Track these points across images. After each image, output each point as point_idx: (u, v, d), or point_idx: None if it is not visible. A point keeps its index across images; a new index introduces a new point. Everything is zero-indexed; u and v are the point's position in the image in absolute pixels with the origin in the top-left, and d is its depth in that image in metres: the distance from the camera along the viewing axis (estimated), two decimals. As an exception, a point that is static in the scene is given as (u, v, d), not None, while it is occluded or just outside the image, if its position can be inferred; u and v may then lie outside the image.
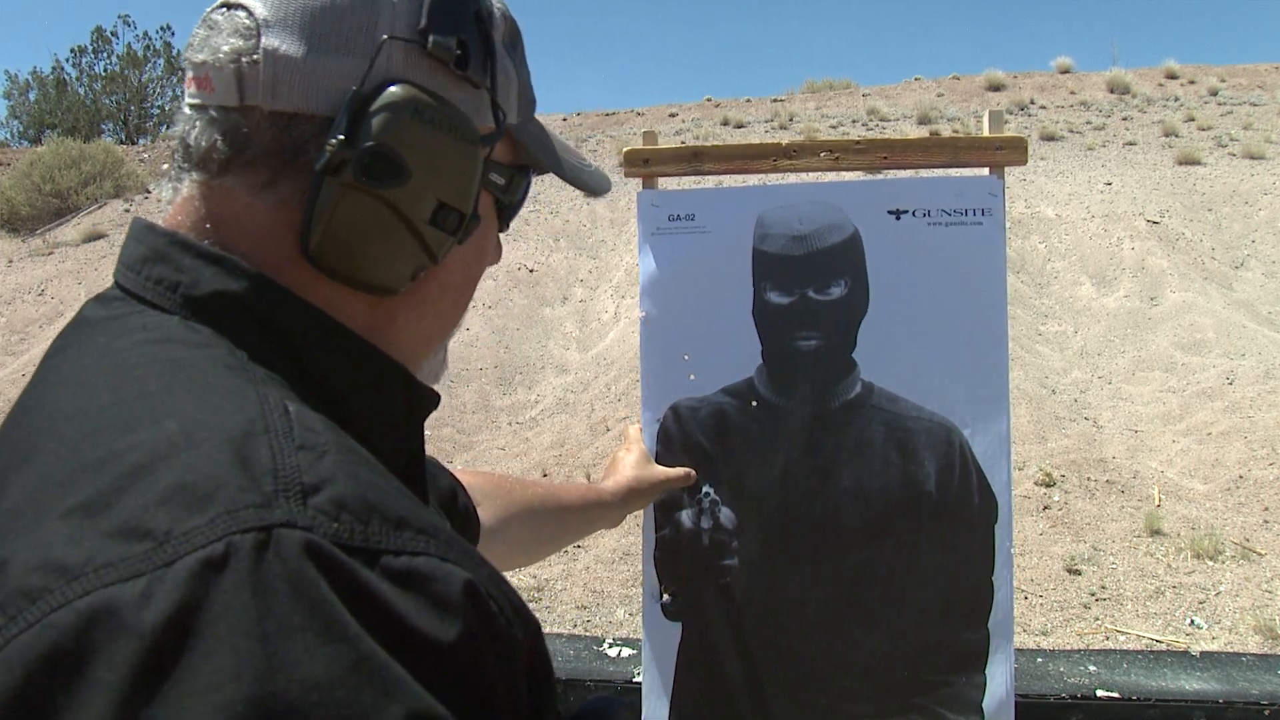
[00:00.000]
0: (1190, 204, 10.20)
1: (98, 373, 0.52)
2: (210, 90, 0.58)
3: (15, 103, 23.74)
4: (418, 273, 0.61)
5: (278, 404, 0.49)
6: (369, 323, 0.61)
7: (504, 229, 0.71)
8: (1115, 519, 5.14)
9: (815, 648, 1.30)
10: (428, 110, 0.57)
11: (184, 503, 0.42)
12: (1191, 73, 15.76)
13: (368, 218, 0.57)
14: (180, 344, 0.53)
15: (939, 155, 1.35)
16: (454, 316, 0.69)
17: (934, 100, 15.02)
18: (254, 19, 0.57)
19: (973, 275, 1.30)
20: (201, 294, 0.55)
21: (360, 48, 0.57)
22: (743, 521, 1.32)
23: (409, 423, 0.65)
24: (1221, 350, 7.36)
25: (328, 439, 0.48)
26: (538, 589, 4.73)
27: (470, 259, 0.67)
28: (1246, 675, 1.46)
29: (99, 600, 0.39)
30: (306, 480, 0.44)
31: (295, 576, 0.40)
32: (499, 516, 1.10)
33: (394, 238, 0.59)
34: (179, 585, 0.39)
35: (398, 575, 0.43)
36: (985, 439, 1.28)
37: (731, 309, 1.34)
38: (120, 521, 0.41)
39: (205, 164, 0.59)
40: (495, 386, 7.72)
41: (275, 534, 0.41)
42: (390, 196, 0.57)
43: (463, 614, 0.44)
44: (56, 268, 10.72)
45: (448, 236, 0.60)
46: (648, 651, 1.36)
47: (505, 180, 0.67)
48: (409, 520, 0.45)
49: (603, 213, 11.00)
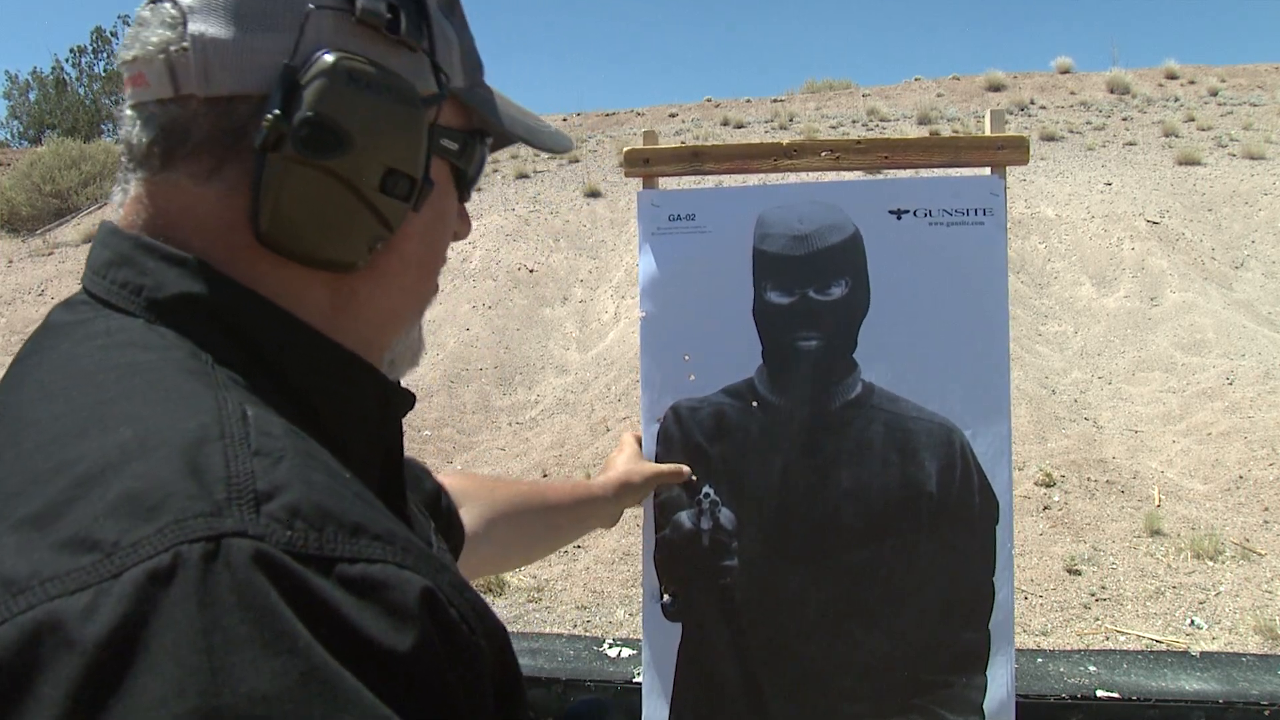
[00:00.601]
0: (1190, 204, 10.19)
1: (58, 379, 0.51)
2: (145, 86, 0.57)
3: (15, 103, 23.76)
4: (375, 244, 0.60)
5: (236, 408, 0.47)
6: (331, 303, 0.60)
7: (465, 198, 0.69)
8: (1115, 519, 5.13)
9: (815, 648, 1.30)
10: (362, 76, 0.56)
11: (133, 512, 0.41)
12: (1191, 73, 15.75)
13: (315, 191, 0.56)
14: (141, 348, 0.52)
15: (940, 155, 1.34)
16: (420, 290, 0.67)
17: (934, 100, 15.02)
18: (179, 7, 0.56)
19: (973, 275, 1.30)
20: (165, 297, 0.54)
21: (287, 21, 0.56)
22: (743, 522, 1.32)
23: (382, 421, 0.64)
24: (1221, 350, 7.36)
25: (285, 444, 0.46)
26: (538, 589, 4.72)
27: (430, 229, 0.65)
28: (1246, 675, 1.46)
29: (43, 614, 0.38)
30: (260, 487, 0.43)
31: (243, 587, 0.39)
32: (483, 518, 1.09)
33: (344, 209, 0.57)
34: (124, 598, 0.38)
35: (352, 583, 0.42)
36: (986, 439, 1.28)
37: (732, 309, 1.34)
38: (69, 533, 0.41)
39: (148, 160, 0.58)
40: (495, 387, 7.71)
41: (224, 544, 0.40)
42: (334, 166, 0.56)
43: (419, 622, 0.43)
44: (56, 268, 10.72)
45: (401, 203, 0.59)
46: (648, 652, 1.35)
47: (459, 145, 0.65)
48: (365, 526, 0.44)
49: (603, 213, 11.00)
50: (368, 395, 0.62)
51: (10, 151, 17.78)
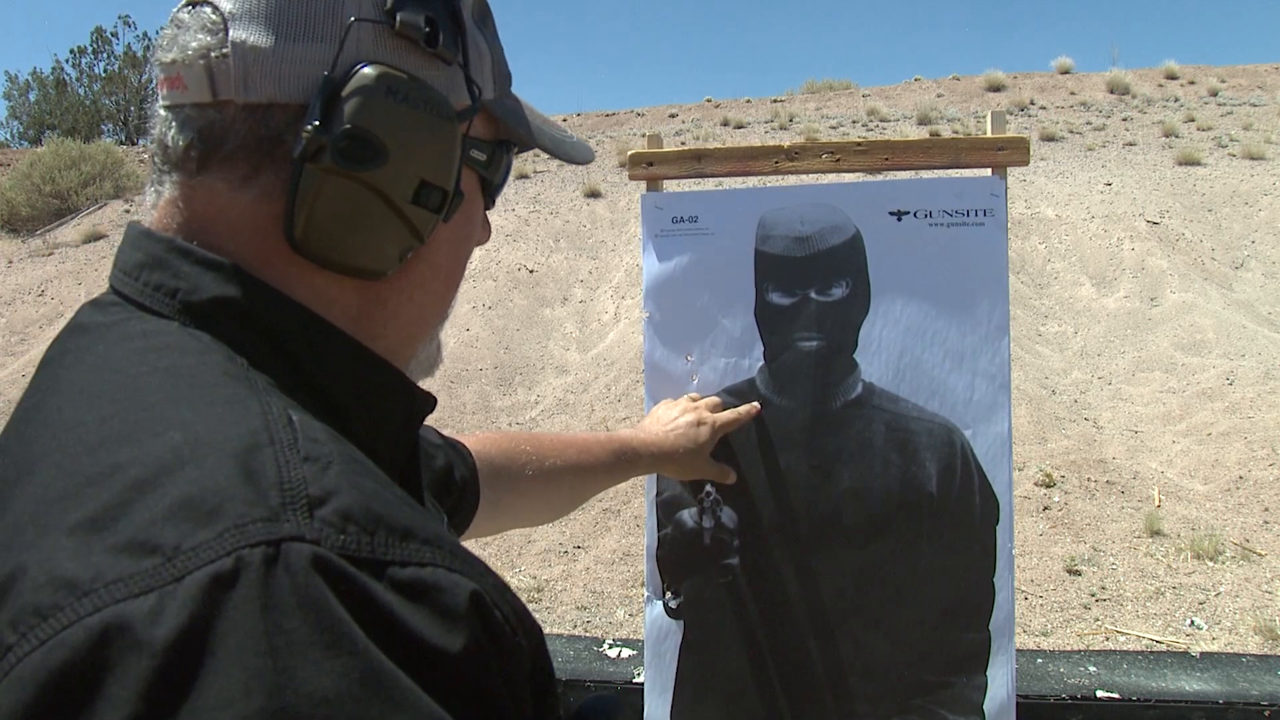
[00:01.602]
0: (1190, 204, 10.20)
1: (97, 382, 0.51)
2: (182, 89, 0.57)
3: (15, 103, 23.77)
4: (405, 254, 0.60)
5: (281, 414, 0.48)
6: (360, 309, 0.61)
7: (489, 205, 0.70)
8: (1115, 520, 5.14)
9: (816, 648, 1.30)
10: (401, 89, 0.57)
11: (191, 517, 0.42)
12: (1191, 73, 15.76)
13: (350, 202, 0.57)
14: (180, 351, 0.52)
15: (941, 156, 1.35)
16: (446, 297, 0.68)
17: (934, 101, 15.03)
18: (220, 14, 0.56)
19: (974, 276, 1.30)
20: (200, 300, 0.55)
21: (328, 32, 0.57)
22: (744, 521, 1.33)
23: (406, 425, 0.64)
24: (1221, 351, 7.36)
25: (332, 450, 0.47)
26: (538, 589, 4.73)
27: (457, 237, 0.66)
28: (1246, 676, 1.46)
29: (111, 616, 0.39)
30: (313, 492, 0.44)
31: (303, 591, 0.40)
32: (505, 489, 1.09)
33: (378, 220, 0.58)
34: (190, 601, 0.39)
35: (405, 586, 0.43)
36: (986, 440, 1.29)
37: (734, 310, 1.34)
38: (128, 536, 0.41)
39: (184, 163, 0.58)
40: (495, 387, 7.72)
41: (283, 548, 0.41)
42: (370, 178, 0.56)
43: (469, 624, 0.44)
44: (56, 268, 10.72)
45: (432, 215, 0.60)
46: (649, 651, 1.36)
47: (486, 156, 0.66)
48: (415, 531, 0.45)
49: (603, 213, 11.00)
50: (395, 400, 0.62)
51: (10, 152, 17.78)
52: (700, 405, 1.31)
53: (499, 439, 1.14)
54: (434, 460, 0.96)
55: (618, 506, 5.53)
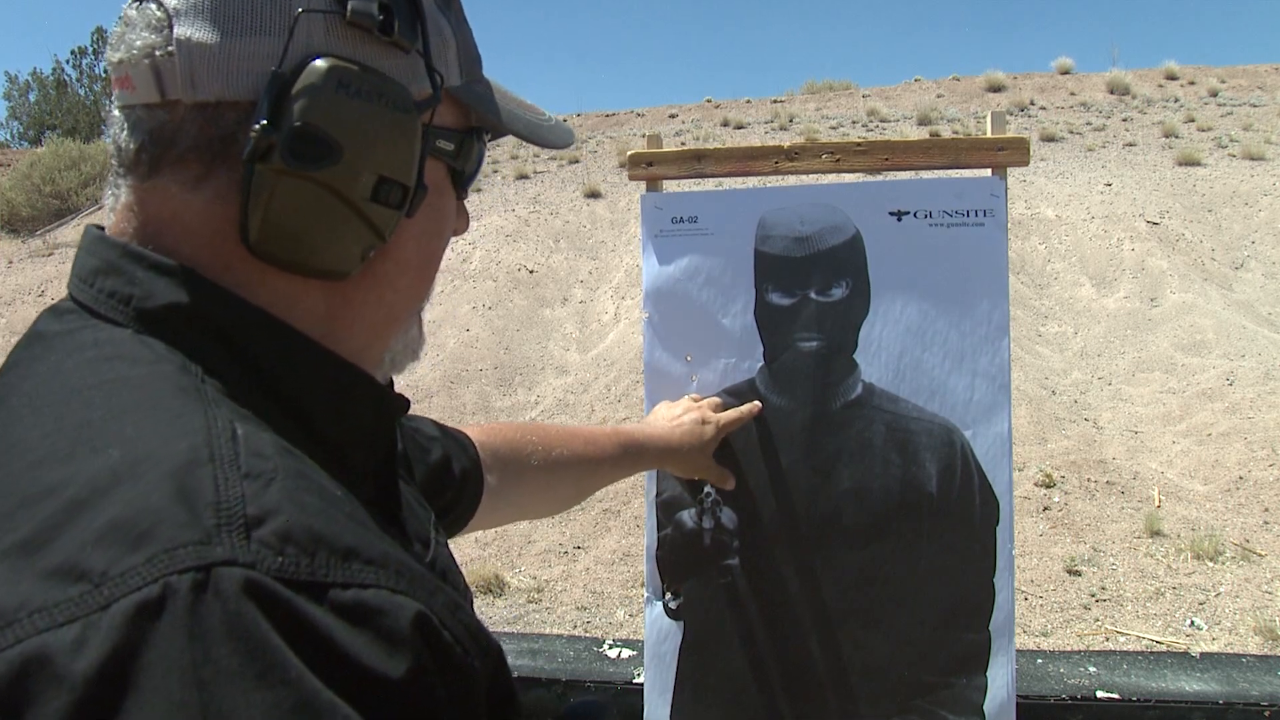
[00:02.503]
0: (1190, 205, 10.20)
1: (45, 394, 0.50)
2: (131, 89, 0.55)
3: (15, 104, 23.79)
4: (368, 252, 0.58)
5: (225, 427, 0.46)
6: (325, 310, 0.59)
7: (463, 195, 0.67)
8: (1115, 520, 5.14)
9: (816, 648, 1.30)
10: (353, 82, 0.54)
11: (121, 541, 0.40)
12: (1191, 74, 15.76)
13: (305, 203, 0.54)
14: (130, 361, 0.51)
15: (941, 156, 1.35)
16: (418, 291, 0.65)
17: (934, 101, 15.03)
18: (165, 9, 0.54)
19: (974, 276, 1.30)
20: (154, 307, 0.53)
21: (276, 25, 0.54)
22: (744, 521, 1.33)
23: (377, 428, 0.62)
24: (1221, 351, 7.36)
25: (276, 465, 0.45)
26: (538, 590, 4.72)
27: (426, 231, 0.63)
28: (1246, 676, 1.46)
29: (31, 648, 0.37)
30: (250, 512, 0.42)
31: (234, 618, 0.39)
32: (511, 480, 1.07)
33: (335, 220, 0.55)
34: (113, 631, 0.37)
35: (345, 609, 0.41)
36: (986, 440, 1.29)
37: (734, 310, 1.34)
38: (57, 561, 0.40)
39: (135, 167, 0.56)
40: (495, 387, 7.72)
41: (214, 573, 0.39)
42: (325, 178, 0.54)
43: (413, 647, 0.43)
44: (56, 269, 10.72)
45: (394, 211, 0.57)
46: (649, 652, 1.36)
47: (455, 145, 0.63)
48: (358, 550, 0.44)
49: (603, 213, 11.00)
50: (363, 402, 0.60)
51: (10, 152, 17.78)
52: (703, 404, 1.31)
53: (504, 429, 1.12)
54: (429, 454, 0.94)
55: (618, 507, 5.53)
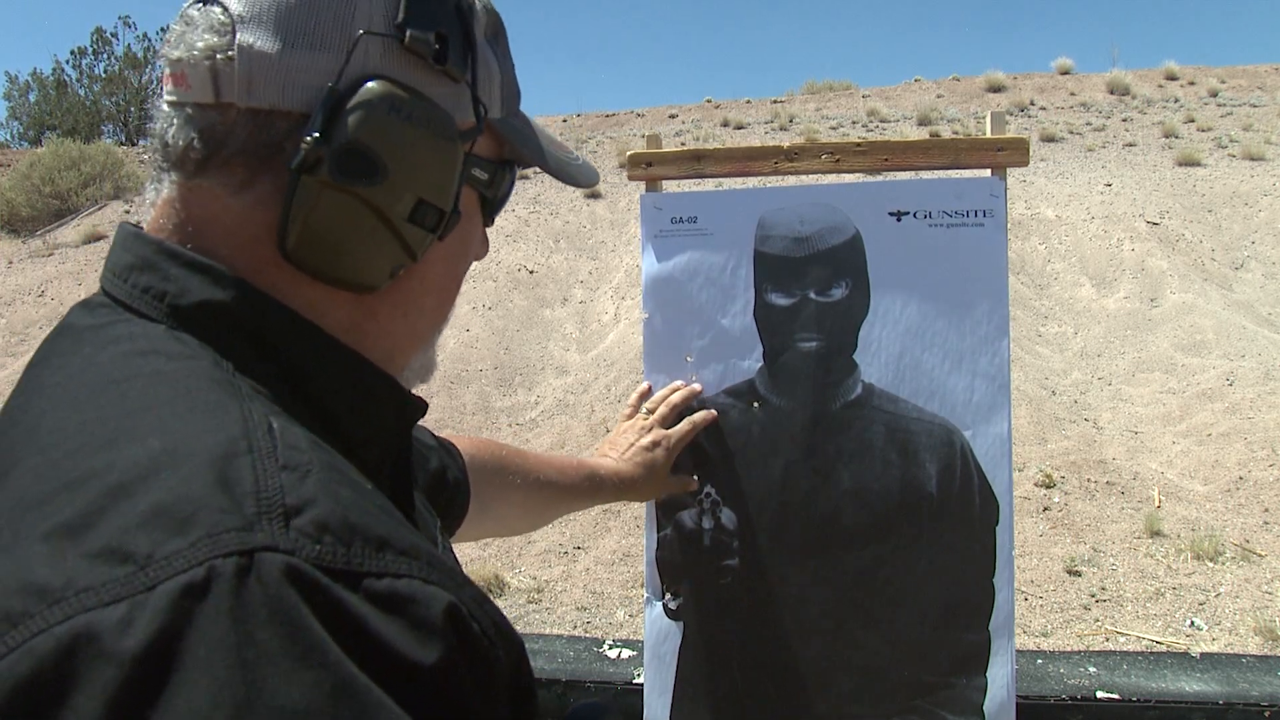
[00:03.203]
0: (1190, 205, 10.20)
1: (81, 385, 0.51)
2: (186, 87, 0.57)
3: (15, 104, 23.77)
4: (397, 270, 0.60)
5: (262, 421, 0.48)
6: (351, 321, 0.60)
7: (489, 223, 0.70)
8: (1115, 520, 5.14)
9: (816, 649, 1.30)
10: (405, 106, 0.56)
11: (165, 525, 0.41)
12: (1191, 74, 15.76)
13: (345, 216, 0.56)
14: (165, 356, 0.52)
15: (940, 157, 1.35)
16: (440, 313, 0.68)
17: (934, 101, 15.03)
18: (229, 15, 0.56)
19: (974, 277, 1.30)
20: (188, 304, 0.55)
21: (336, 43, 0.56)
22: (744, 522, 1.33)
23: (397, 430, 0.64)
24: (1221, 351, 7.36)
25: (311, 458, 0.47)
26: (538, 590, 4.72)
27: (453, 255, 0.66)
28: (1246, 677, 1.46)
29: (80, 625, 0.38)
30: (289, 502, 0.43)
31: (276, 602, 0.40)
32: (494, 494, 1.10)
33: (372, 236, 0.57)
34: (160, 611, 0.38)
35: (380, 598, 0.43)
36: (986, 440, 1.29)
37: (733, 310, 1.34)
38: (102, 543, 0.41)
39: (183, 163, 0.58)
40: (495, 388, 7.71)
41: (257, 558, 0.40)
42: (367, 195, 0.56)
43: (444, 636, 0.44)
44: (56, 269, 10.72)
45: (427, 234, 0.59)
46: (649, 652, 1.36)
47: (489, 175, 0.65)
48: (391, 542, 0.45)
49: (603, 214, 11.00)
50: (386, 405, 0.62)
51: (10, 152, 17.77)
52: (653, 423, 1.31)
53: (489, 445, 1.15)
54: (428, 462, 0.96)
55: (618, 507, 5.53)
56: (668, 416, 1.32)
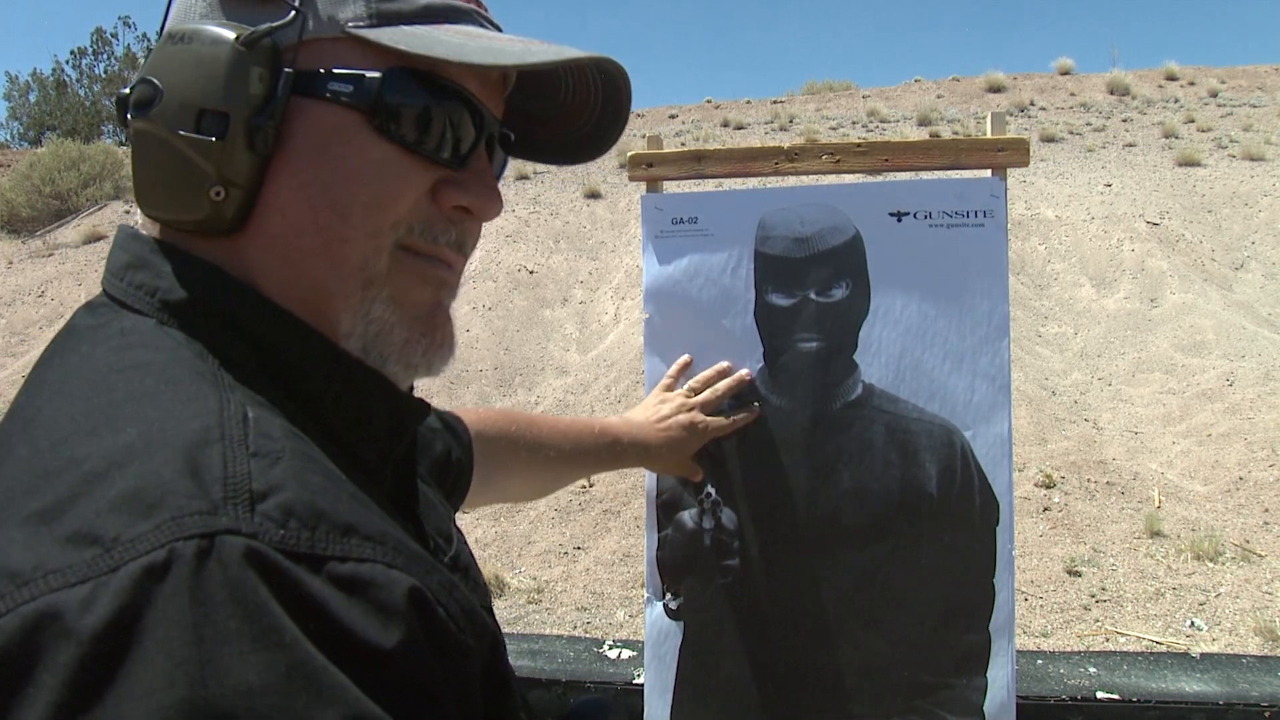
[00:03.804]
0: (1190, 205, 10.20)
1: (75, 380, 0.53)
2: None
3: (15, 104, 23.78)
4: (215, 194, 0.56)
5: (238, 410, 0.49)
6: (241, 273, 0.57)
7: (426, 148, 0.60)
8: (1115, 520, 5.14)
9: (816, 649, 1.30)
10: (179, 34, 0.58)
11: (133, 509, 0.42)
12: (1191, 74, 15.76)
13: (141, 151, 0.59)
14: (151, 348, 0.54)
15: (940, 157, 1.35)
16: (336, 257, 0.58)
17: (934, 102, 15.03)
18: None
19: (974, 277, 1.30)
20: (176, 299, 0.56)
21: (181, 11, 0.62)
22: (744, 522, 1.33)
23: (394, 430, 0.62)
24: (1221, 352, 7.36)
25: (283, 445, 0.48)
26: (538, 590, 4.72)
27: (316, 180, 0.58)
28: (1246, 677, 1.46)
29: (44, 605, 0.40)
30: (255, 487, 0.44)
31: (235, 583, 0.41)
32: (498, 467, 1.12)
33: (166, 162, 0.58)
34: (121, 591, 0.40)
35: (342, 581, 0.44)
36: (986, 441, 1.29)
37: (734, 311, 1.34)
38: (73, 528, 0.42)
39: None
40: (495, 388, 7.72)
41: (218, 541, 0.41)
42: (149, 120, 0.58)
43: (405, 620, 0.44)
44: (56, 269, 10.72)
45: (215, 141, 0.55)
46: (649, 652, 1.36)
47: (355, 87, 0.57)
48: (358, 527, 0.46)
49: (603, 214, 11.01)
50: (377, 403, 0.61)
51: (10, 152, 17.78)
52: (696, 404, 1.31)
53: (497, 418, 1.16)
54: (433, 446, 0.97)
55: (618, 508, 5.53)
56: (709, 403, 1.32)
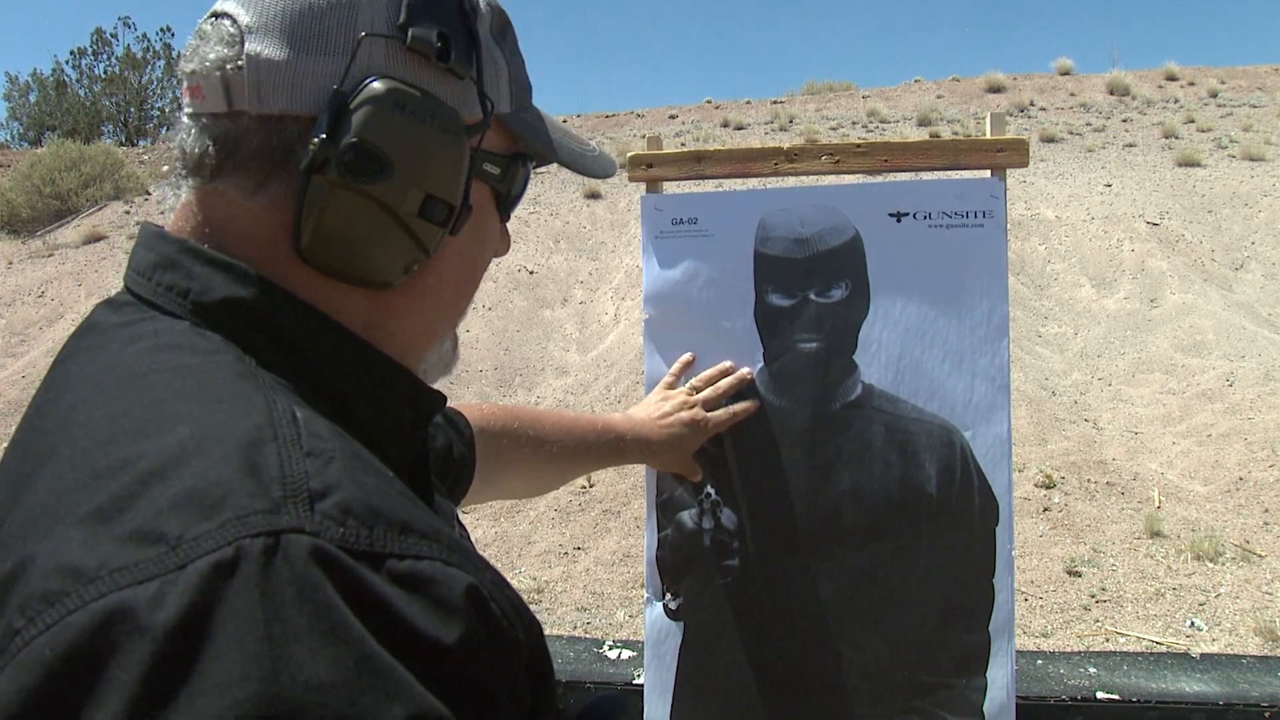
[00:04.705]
0: (1190, 206, 10.20)
1: (109, 380, 0.53)
2: (200, 98, 0.59)
3: (15, 104, 23.75)
4: (411, 266, 0.61)
5: (286, 410, 0.50)
6: (368, 317, 0.62)
7: (506, 218, 0.71)
8: (1115, 521, 5.14)
9: (816, 649, 1.30)
10: (408, 103, 0.58)
11: (195, 508, 0.43)
12: (1191, 74, 15.76)
13: (354, 214, 0.58)
14: (189, 350, 0.54)
15: (940, 158, 1.35)
16: (457, 307, 0.69)
17: (934, 102, 15.03)
18: (238, 26, 0.58)
19: (974, 277, 1.30)
20: (211, 300, 0.57)
21: (340, 47, 0.58)
22: (744, 522, 1.33)
23: (415, 425, 0.66)
24: (1221, 352, 7.36)
25: (334, 445, 0.49)
26: (538, 590, 4.73)
27: (468, 250, 0.67)
28: (1247, 677, 1.46)
29: (114, 602, 0.40)
30: (314, 486, 0.45)
31: (302, 581, 0.41)
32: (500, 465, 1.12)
33: (382, 232, 0.59)
34: (191, 588, 0.40)
35: (402, 578, 0.44)
36: (986, 441, 1.29)
37: (734, 311, 1.34)
38: (134, 526, 0.42)
39: (199, 169, 0.60)
40: (495, 388, 7.72)
41: (283, 539, 0.42)
42: (375, 192, 0.58)
43: (465, 616, 0.45)
44: (57, 269, 10.72)
45: (438, 228, 0.61)
46: (649, 652, 1.36)
47: (500, 170, 0.67)
48: (413, 525, 0.46)
49: (603, 214, 11.01)
50: (404, 399, 0.64)
51: (10, 153, 17.77)
52: (698, 401, 1.31)
53: (501, 415, 1.16)
54: (434, 440, 0.98)
55: (618, 508, 5.53)
56: (711, 400, 1.32)
